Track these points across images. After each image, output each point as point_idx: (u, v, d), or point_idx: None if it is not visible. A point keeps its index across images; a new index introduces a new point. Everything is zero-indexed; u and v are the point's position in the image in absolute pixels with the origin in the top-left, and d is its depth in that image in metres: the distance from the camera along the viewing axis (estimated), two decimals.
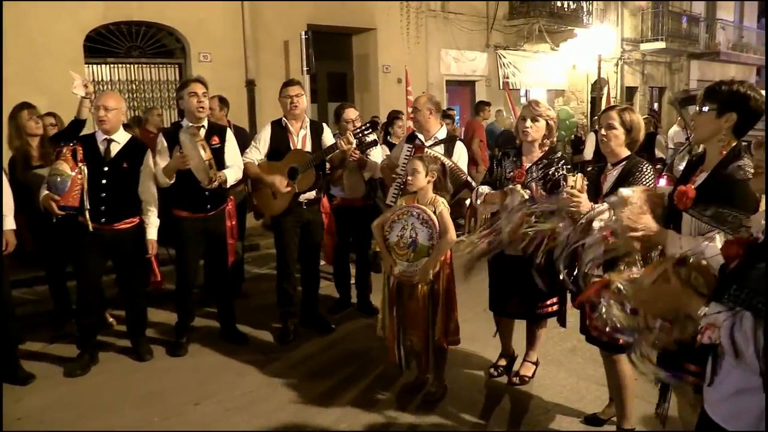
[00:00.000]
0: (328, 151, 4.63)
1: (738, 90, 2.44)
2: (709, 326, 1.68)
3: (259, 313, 5.40)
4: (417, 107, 4.67)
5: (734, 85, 2.47)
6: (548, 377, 4.13)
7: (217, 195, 4.52)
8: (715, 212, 2.44)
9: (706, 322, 1.70)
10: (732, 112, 2.43)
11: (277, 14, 9.89)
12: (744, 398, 1.73)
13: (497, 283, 3.94)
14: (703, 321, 1.71)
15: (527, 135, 3.76)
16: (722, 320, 1.65)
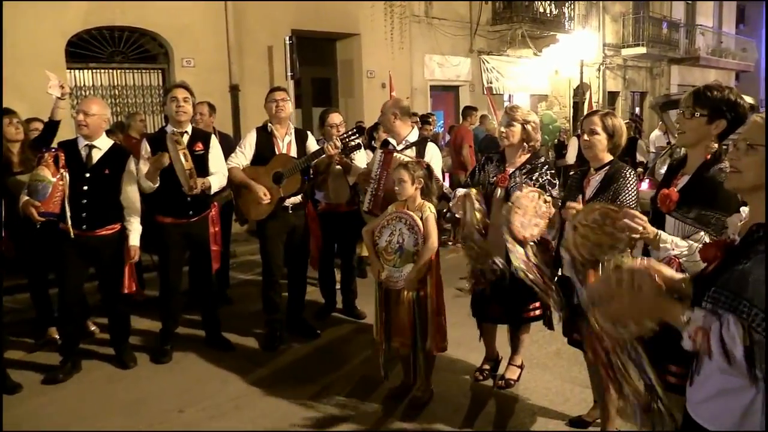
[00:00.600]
0: (315, 156, 4.64)
1: (729, 97, 2.49)
2: (699, 330, 1.68)
3: (244, 319, 5.38)
4: (382, 111, 4.73)
5: (725, 92, 2.51)
6: (533, 380, 4.15)
7: (199, 201, 4.49)
8: (699, 214, 2.48)
9: (695, 326, 1.69)
10: (722, 118, 2.47)
11: (261, 19, 9.87)
12: (726, 399, 1.74)
13: (479, 290, 3.95)
14: (689, 327, 1.71)
15: (504, 140, 3.82)
16: (709, 323, 1.66)
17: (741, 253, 1.73)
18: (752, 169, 1.75)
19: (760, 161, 1.73)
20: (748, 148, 1.76)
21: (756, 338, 1.58)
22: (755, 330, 1.59)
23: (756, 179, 1.75)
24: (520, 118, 3.80)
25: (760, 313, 1.59)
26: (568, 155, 9.88)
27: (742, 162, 1.78)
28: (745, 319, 1.60)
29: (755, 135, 1.76)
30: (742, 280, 1.65)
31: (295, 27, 10.07)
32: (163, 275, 4.66)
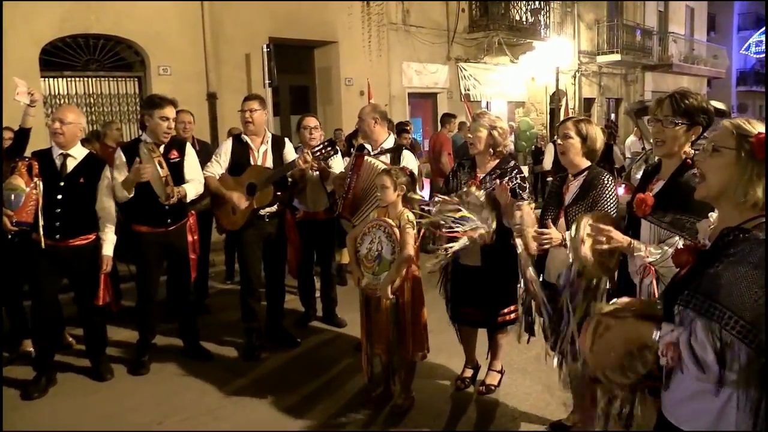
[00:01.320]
0: (286, 169, 4.60)
1: (702, 104, 2.55)
2: (668, 345, 1.71)
3: (223, 328, 5.33)
4: (361, 116, 4.71)
5: (698, 98, 2.57)
6: (514, 385, 4.16)
7: (177, 209, 4.44)
8: (673, 219, 2.51)
9: (664, 343, 1.72)
10: (698, 125, 2.53)
11: (238, 27, 9.84)
12: (700, 400, 1.76)
13: (455, 293, 3.98)
14: (660, 343, 1.74)
15: (472, 146, 3.87)
16: (677, 335, 1.69)
17: (712, 257, 1.76)
18: (715, 171, 1.78)
19: (724, 164, 1.76)
20: (713, 151, 1.79)
21: (727, 340, 1.62)
22: (728, 332, 1.62)
23: (720, 183, 1.78)
24: (487, 123, 3.83)
25: (732, 315, 1.62)
26: (545, 161, 9.98)
27: (706, 164, 1.81)
28: (717, 322, 1.63)
29: (721, 139, 1.79)
30: (713, 284, 1.68)
31: (272, 35, 10.05)
32: (140, 285, 4.61)
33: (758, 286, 1.60)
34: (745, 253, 1.65)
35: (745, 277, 1.62)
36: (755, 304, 1.59)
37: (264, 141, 4.75)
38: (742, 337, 1.60)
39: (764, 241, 1.65)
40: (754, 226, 1.71)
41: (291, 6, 10.42)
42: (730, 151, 1.75)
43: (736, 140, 1.75)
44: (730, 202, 1.77)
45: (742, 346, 1.60)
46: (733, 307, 1.62)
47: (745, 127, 1.76)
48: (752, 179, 1.71)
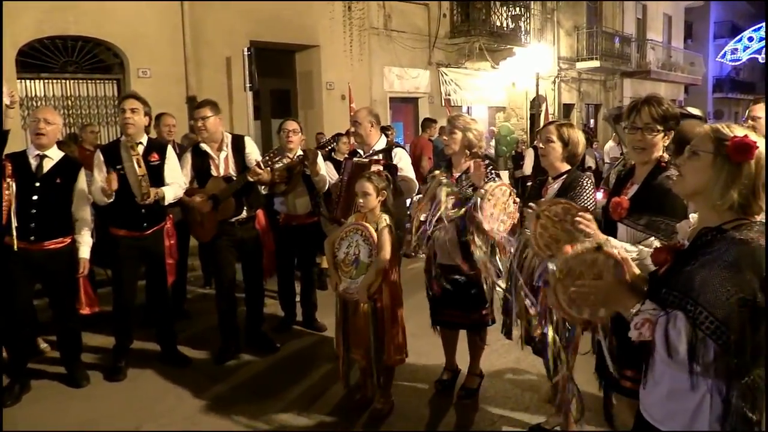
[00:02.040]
0: (242, 180, 4.49)
1: (673, 111, 2.60)
2: (646, 321, 1.75)
3: (202, 333, 5.28)
4: (358, 121, 4.68)
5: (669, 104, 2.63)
6: (493, 389, 4.17)
7: (154, 213, 4.40)
8: (649, 221, 2.54)
9: (642, 318, 1.76)
10: (672, 130, 2.59)
11: (219, 30, 9.79)
12: (677, 399, 1.80)
13: (435, 294, 3.98)
14: (638, 317, 1.78)
15: (447, 148, 3.95)
16: (657, 317, 1.73)
17: (690, 255, 1.80)
18: (692, 174, 1.83)
19: (701, 166, 1.80)
20: (692, 155, 1.84)
21: (700, 336, 1.65)
22: (700, 328, 1.65)
23: (695, 183, 1.83)
24: (461, 125, 3.89)
25: (704, 311, 1.65)
26: (525, 166, 10.04)
27: (685, 167, 1.86)
28: (692, 318, 1.67)
29: (700, 142, 1.83)
30: (689, 281, 1.72)
31: (253, 38, 10.02)
32: (117, 290, 4.54)
33: (731, 285, 1.64)
34: (721, 253, 1.69)
35: (718, 275, 1.66)
36: (727, 302, 1.64)
37: (223, 146, 4.65)
38: (711, 333, 1.65)
39: (740, 241, 1.68)
40: (732, 227, 1.75)
41: (272, 9, 10.40)
42: (707, 155, 1.79)
43: (713, 144, 1.79)
44: (708, 204, 1.81)
45: (711, 343, 1.65)
46: (706, 305, 1.67)
47: (722, 131, 1.80)
48: (728, 182, 1.75)
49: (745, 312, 1.63)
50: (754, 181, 1.74)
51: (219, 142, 4.65)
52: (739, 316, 1.63)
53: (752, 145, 1.73)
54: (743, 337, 1.65)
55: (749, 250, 1.66)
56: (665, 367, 1.78)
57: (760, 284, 1.64)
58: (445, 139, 3.96)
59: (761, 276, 1.65)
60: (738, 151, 1.74)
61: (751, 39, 23.29)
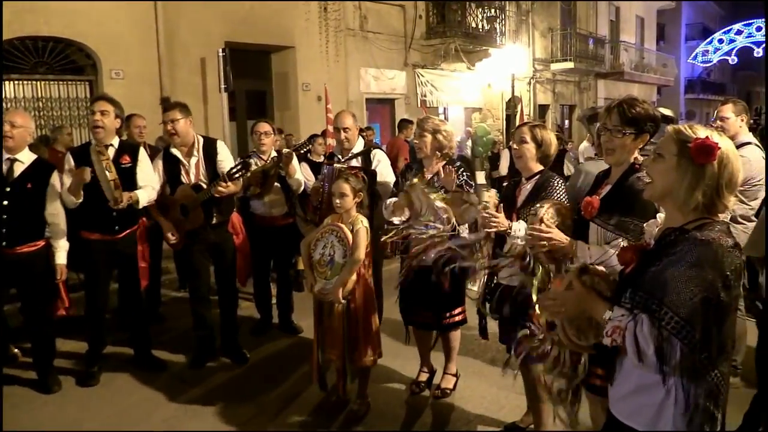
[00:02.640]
0: (206, 194, 4.40)
1: (649, 112, 2.62)
2: (615, 329, 1.79)
3: (177, 337, 5.23)
4: (348, 127, 4.61)
5: (644, 106, 2.63)
6: (469, 389, 4.19)
7: (126, 216, 4.35)
8: (619, 221, 2.58)
9: (611, 325, 1.80)
10: (646, 132, 2.60)
11: (193, 31, 9.72)
12: (643, 395, 1.84)
13: (405, 294, 4.00)
14: (608, 324, 1.82)
15: (419, 150, 3.97)
16: (626, 323, 1.76)
17: (654, 256, 1.83)
18: (659, 175, 1.87)
19: (666, 168, 1.83)
20: (657, 157, 1.87)
21: (665, 335, 1.69)
22: (665, 328, 1.68)
23: (663, 186, 1.86)
24: (431, 128, 3.91)
25: (668, 311, 1.69)
26: (501, 166, 10.13)
27: (652, 169, 1.89)
28: (657, 318, 1.70)
29: (664, 144, 1.87)
30: (654, 281, 1.76)
31: (228, 39, 9.96)
32: (90, 294, 4.47)
33: (694, 285, 1.67)
34: (684, 253, 1.72)
35: (682, 276, 1.70)
36: (690, 302, 1.67)
37: (194, 151, 4.56)
38: (676, 333, 1.68)
39: (702, 241, 1.72)
40: (694, 227, 1.78)
41: (247, 10, 10.35)
42: (672, 156, 1.82)
43: (677, 145, 1.82)
44: (674, 204, 1.85)
45: (677, 342, 1.68)
46: (671, 304, 1.70)
47: (685, 132, 1.83)
48: (692, 183, 1.78)
49: (709, 310, 1.67)
50: (718, 182, 1.78)
51: (189, 146, 4.57)
52: (703, 314, 1.67)
53: (714, 147, 1.77)
54: (708, 335, 1.69)
55: (711, 250, 1.70)
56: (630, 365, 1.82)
57: (722, 283, 1.68)
58: (416, 142, 3.97)
59: (723, 275, 1.69)
60: (700, 153, 1.77)
61: (722, 41, 23.71)
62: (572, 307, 1.98)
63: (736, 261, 1.74)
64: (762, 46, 22.39)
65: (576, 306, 1.97)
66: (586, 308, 1.94)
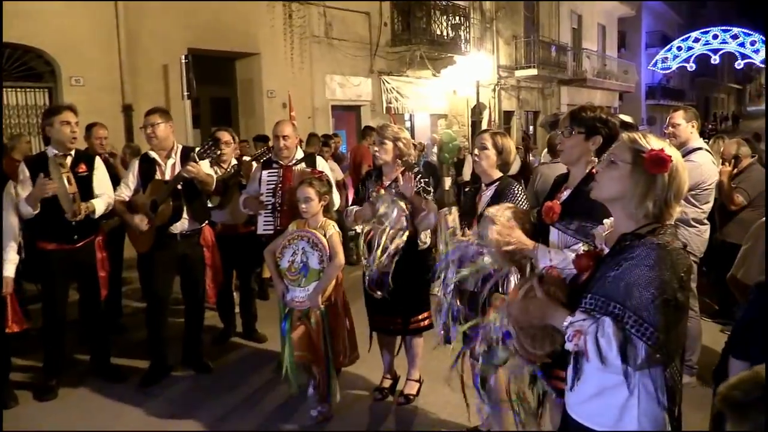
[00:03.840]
0: (178, 179, 4.33)
1: (601, 116, 2.68)
2: (577, 333, 1.82)
3: (138, 347, 5.14)
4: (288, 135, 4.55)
5: (596, 111, 2.71)
6: (433, 394, 4.21)
7: (85, 225, 4.28)
8: (579, 226, 2.62)
9: (573, 330, 1.83)
10: (598, 134, 2.65)
11: (155, 38, 9.60)
12: (606, 396, 1.88)
13: (371, 299, 4.00)
14: (569, 330, 1.85)
15: (378, 157, 3.96)
16: (587, 327, 1.79)
17: (611, 261, 1.87)
18: (609, 181, 1.90)
19: (619, 176, 1.87)
20: (610, 162, 1.91)
21: (628, 337, 1.74)
22: (629, 331, 1.73)
23: (612, 192, 1.90)
24: (391, 135, 3.93)
25: (632, 314, 1.73)
26: (465, 172, 10.22)
27: (602, 174, 1.93)
28: (619, 321, 1.74)
29: (618, 152, 1.91)
30: (614, 286, 1.79)
31: (191, 46, 9.86)
32: (47, 305, 4.37)
33: (654, 288, 1.72)
34: (642, 257, 1.76)
35: (642, 279, 1.74)
36: (652, 304, 1.71)
37: (172, 154, 4.54)
38: (640, 334, 1.72)
39: (658, 245, 1.76)
40: (647, 231, 1.83)
41: (211, 17, 10.27)
42: (625, 165, 1.87)
43: (631, 154, 1.86)
44: (625, 211, 1.89)
45: (641, 343, 1.72)
46: (632, 307, 1.74)
47: (640, 142, 1.87)
48: (644, 192, 1.83)
49: (669, 311, 1.72)
50: (667, 192, 1.84)
51: (168, 150, 4.54)
52: (664, 315, 1.71)
53: (668, 159, 1.82)
54: (669, 335, 1.74)
55: (667, 253, 1.75)
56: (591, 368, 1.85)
57: (678, 284, 1.74)
58: (376, 149, 3.96)
59: (678, 276, 1.75)
60: (654, 164, 1.82)
61: (680, 48, 24.29)
62: (536, 315, 1.99)
63: (687, 262, 1.80)
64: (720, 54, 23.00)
65: (540, 314, 1.98)
66: (547, 316, 1.96)
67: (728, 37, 22.03)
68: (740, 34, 21.91)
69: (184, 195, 4.44)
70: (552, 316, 1.94)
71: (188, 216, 4.50)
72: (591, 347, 1.78)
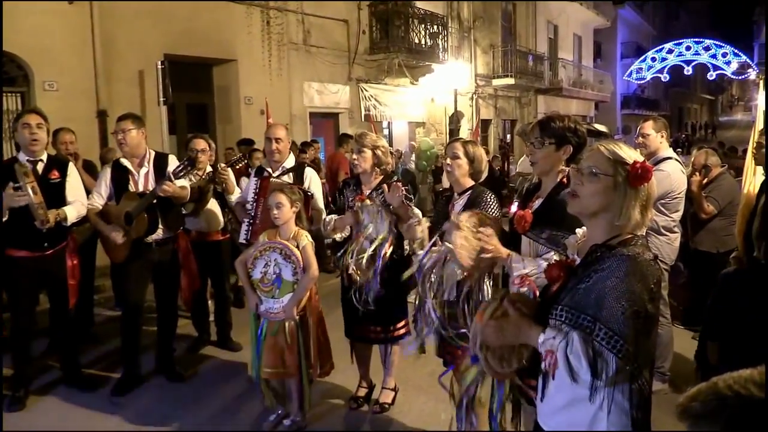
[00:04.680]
0: (151, 197, 4.28)
1: (570, 125, 2.70)
2: (548, 353, 1.81)
3: (110, 357, 5.07)
4: (280, 138, 4.49)
5: (565, 120, 2.72)
6: (408, 402, 4.21)
7: (55, 232, 4.19)
8: (550, 235, 2.64)
9: (544, 348, 1.82)
10: (568, 144, 2.67)
11: (131, 43, 9.50)
12: (576, 409, 1.86)
13: (349, 309, 3.99)
14: (541, 348, 1.84)
15: (356, 166, 3.94)
16: (557, 344, 1.79)
17: (582, 272, 1.87)
18: (593, 195, 1.88)
19: (602, 189, 1.86)
20: (592, 176, 1.88)
21: (598, 349, 1.73)
22: (600, 343, 1.72)
23: (596, 206, 1.88)
24: (370, 144, 3.92)
25: (602, 326, 1.72)
26: (443, 180, 10.26)
27: (585, 188, 1.89)
28: (588, 334, 1.74)
29: (600, 163, 1.88)
30: (585, 298, 1.79)
31: (168, 51, 9.78)
32: (15, 314, 4.27)
33: (625, 299, 1.71)
34: (613, 269, 1.76)
35: (613, 290, 1.73)
36: (623, 316, 1.70)
37: (145, 162, 4.48)
38: (610, 347, 1.71)
39: (628, 257, 1.76)
40: (619, 242, 1.83)
41: (187, 22, 10.19)
42: (608, 178, 1.85)
43: (612, 167, 1.85)
44: (605, 222, 1.87)
45: (611, 356, 1.72)
46: (602, 319, 1.73)
47: (620, 153, 1.86)
48: (630, 203, 1.83)
49: (639, 323, 1.72)
50: (647, 201, 1.85)
51: (141, 158, 4.46)
52: (634, 327, 1.71)
53: (650, 170, 1.84)
54: (639, 347, 1.73)
55: (637, 265, 1.75)
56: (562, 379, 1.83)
57: (648, 296, 1.74)
58: (354, 158, 3.94)
59: (648, 287, 1.74)
60: (639, 177, 1.82)
61: (654, 59, 24.65)
62: (512, 334, 1.95)
63: (657, 273, 1.80)
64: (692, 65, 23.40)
65: (515, 332, 1.95)
66: (522, 334, 1.93)
67: (701, 49, 22.44)
68: (712, 46, 22.34)
69: (159, 206, 4.39)
70: (527, 334, 1.92)
71: (163, 225, 4.46)
72: (562, 364, 1.77)
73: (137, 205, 4.28)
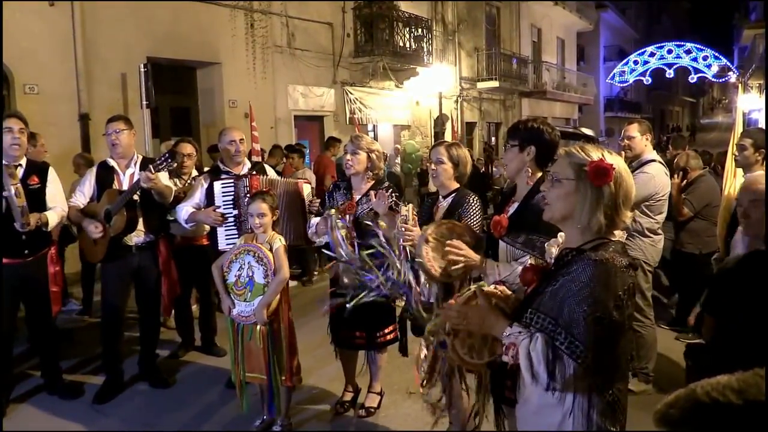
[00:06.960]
0: (134, 189, 4.23)
1: (532, 126, 2.73)
2: (511, 345, 1.82)
3: (92, 363, 5.01)
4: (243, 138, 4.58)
5: (529, 123, 2.77)
6: (393, 406, 4.20)
7: (37, 238, 4.13)
8: (526, 239, 2.65)
9: (508, 341, 1.83)
10: (531, 145, 2.69)
11: (114, 46, 9.42)
12: (543, 415, 1.87)
13: (336, 315, 3.95)
14: (505, 340, 1.84)
15: (349, 168, 3.89)
16: (521, 339, 1.79)
17: (553, 276, 1.86)
18: (557, 200, 1.88)
19: (565, 193, 1.86)
20: (555, 181, 1.89)
21: (558, 354, 1.72)
22: (560, 348, 1.71)
23: (562, 210, 1.88)
24: (365, 146, 3.89)
25: (564, 331, 1.72)
26: (430, 183, 10.26)
27: (550, 194, 1.91)
28: (551, 336, 1.73)
29: (561, 169, 1.89)
30: (551, 301, 1.79)
31: (151, 54, 9.71)
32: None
33: (587, 305, 1.69)
34: (578, 273, 1.74)
35: (575, 296, 1.72)
36: (583, 321, 1.68)
37: (132, 164, 4.47)
38: (570, 352, 1.70)
39: (595, 262, 1.74)
40: (590, 247, 1.82)
41: (171, 26, 10.14)
42: (569, 181, 1.85)
43: (573, 169, 1.85)
44: (575, 227, 1.86)
45: (570, 362, 1.70)
46: (564, 325, 1.72)
47: (579, 155, 1.85)
48: (593, 205, 1.80)
49: (601, 330, 1.68)
50: (615, 200, 1.81)
51: (128, 159, 4.45)
52: (595, 334, 1.68)
53: (610, 168, 1.80)
54: (601, 354, 1.70)
55: (604, 270, 1.72)
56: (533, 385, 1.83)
57: (614, 303, 1.70)
58: (348, 159, 3.88)
59: (615, 294, 1.71)
60: (598, 176, 1.80)
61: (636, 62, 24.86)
62: (475, 321, 1.98)
63: (628, 280, 1.75)
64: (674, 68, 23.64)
65: (478, 320, 1.96)
66: (487, 323, 1.94)
67: (682, 52, 22.63)
68: (693, 49, 22.54)
69: (141, 206, 4.34)
70: (491, 325, 1.93)
71: (144, 227, 4.41)
72: (523, 361, 1.76)
73: (118, 201, 4.23)
